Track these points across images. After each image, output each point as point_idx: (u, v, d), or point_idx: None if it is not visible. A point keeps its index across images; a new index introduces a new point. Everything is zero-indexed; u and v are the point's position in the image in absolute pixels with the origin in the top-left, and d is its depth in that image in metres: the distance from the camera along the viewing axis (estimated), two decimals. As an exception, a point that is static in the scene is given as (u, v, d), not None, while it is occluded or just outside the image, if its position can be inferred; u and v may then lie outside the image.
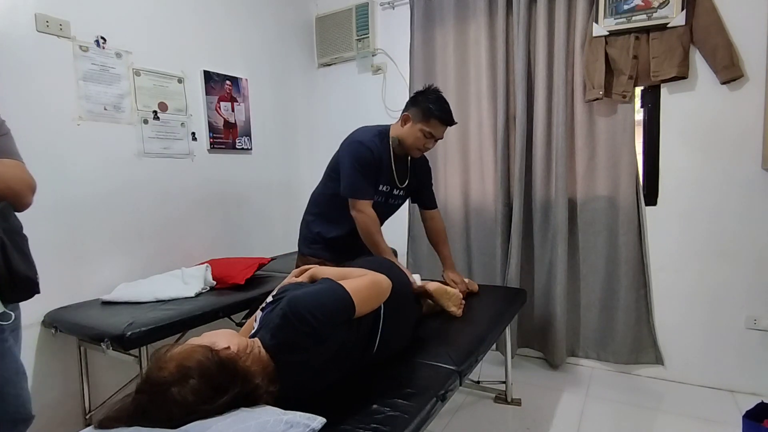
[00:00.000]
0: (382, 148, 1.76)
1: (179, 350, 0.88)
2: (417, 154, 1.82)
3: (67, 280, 1.86)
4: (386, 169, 1.78)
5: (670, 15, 2.00)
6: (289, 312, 1.00)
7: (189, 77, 2.34)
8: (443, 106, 1.73)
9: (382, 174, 1.76)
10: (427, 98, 1.74)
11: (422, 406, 1.09)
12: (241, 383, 0.87)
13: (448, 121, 1.75)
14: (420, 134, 1.73)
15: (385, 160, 1.77)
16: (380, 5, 2.85)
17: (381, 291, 1.20)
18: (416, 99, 1.76)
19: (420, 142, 1.74)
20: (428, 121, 1.72)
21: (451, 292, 1.73)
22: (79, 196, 1.89)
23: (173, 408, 0.80)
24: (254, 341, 1.00)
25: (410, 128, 1.74)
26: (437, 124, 1.73)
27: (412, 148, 1.77)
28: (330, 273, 1.26)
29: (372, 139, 1.74)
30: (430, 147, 1.79)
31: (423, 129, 1.72)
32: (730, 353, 2.10)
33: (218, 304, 1.85)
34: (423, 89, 1.79)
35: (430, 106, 1.71)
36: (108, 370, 1.99)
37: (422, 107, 1.72)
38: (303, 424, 0.85)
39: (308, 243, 1.87)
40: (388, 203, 1.87)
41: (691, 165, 2.12)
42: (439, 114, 1.71)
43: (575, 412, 2.00)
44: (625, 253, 2.22)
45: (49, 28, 1.79)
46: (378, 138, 1.76)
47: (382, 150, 1.75)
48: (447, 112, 1.74)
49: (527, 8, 2.31)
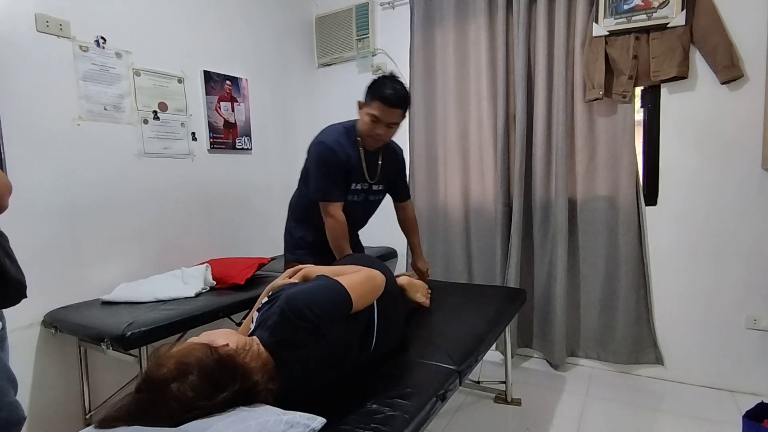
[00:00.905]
0: (349, 144, 1.67)
1: (178, 349, 0.88)
2: (372, 144, 1.69)
3: (67, 280, 1.86)
4: (356, 166, 1.69)
5: (670, 15, 2.00)
6: (287, 309, 1.01)
7: (189, 77, 2.34)
8: (387, 84, 1.58)
9: (352, 172, 1.68)
10: (376, 80, 1.62)
11: (422, 406, 1.09)
12: (241, 380, 0.87)
13: (391, 102, 1.57)
14: (367, 119, 1.61)
15: (354, 156, 1.68)
16: (380, 5, 2.85)
17: (376, 286, 1.21)
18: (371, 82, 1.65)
19: (369, 128, 1.62)
20: (371, 102, 1.59)
21: (416, 283, 1.77)
22: (79, 196, 1.89)
23: (173, 405, 0.80)
24: (253, 339, 1.01)
25: (361, 114, 1.64)
26: (379, 105, 1.57)
27: (365, 138, 1.66)
28: (323, 271, 1.26)
29: (336, 138, 1.65)
30: (382, 134, 1.64)
31: (369, 113, 1.60)
32: (730, 353, 2.10)
33: (218, 304, 1.84)
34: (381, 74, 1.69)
35: (373, 87, 1.60)
36: (108, 370, 1.99)
37: (367, 89, 1.61)
38: (303, 424, 0.85)
39: (292, 249, 1.86)
40: (369, 200, 1.82)
41: (691, 165, 2.12)
42: (381, 94, 1.56)
43: (575, 412, 2.00)
44: (625, 253, 2.22)
45: (49, 28, 1.79)
46: (345, 135, 1.67)
47: (348, 147, 1.66)
48: (389, 92, 1.56)
49: (527, 8, 2.31)
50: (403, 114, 1.66)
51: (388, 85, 1.58)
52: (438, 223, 2.71)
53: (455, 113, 2.60)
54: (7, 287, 1.00)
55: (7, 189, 1.08)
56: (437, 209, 2.72)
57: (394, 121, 1.63)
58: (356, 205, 1.74)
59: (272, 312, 1.05)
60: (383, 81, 1.60)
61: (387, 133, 1.66)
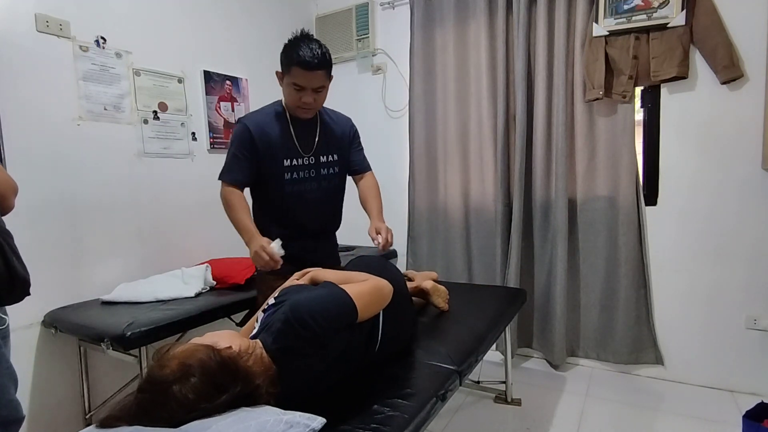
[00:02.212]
0: (273, 120, 1.55)
1: (181, 349, 0.88)
2: (303, 114, 1.55)
3: (67, 280, 1.86)
4: (281, 140, 1.55)
5: (670, 15, 2.00)
6: (291, 317, 1.00)
7: (189, 77, 2.34)
8: (301, 46, 1.41)
9: (279, 148, 1.54)
10: (288, 43, 1.45)
11: (422, 406, 1.09)
12: (242, 383, 0.87)
13: (310, 64, 1.40)
14: (290, 89, 1.47)
15: (277, 130, 1.54)
16: (380, 5, 2.85)
17: (383, 296, 1.21)
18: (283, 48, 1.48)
19: (294, 99, 1.48)
20: (289, 70, 1.44)
21: (440, 289, 1.76)
22: (79, 196, 1.89)
23: (174, 406, 0.80)
24: (256, 342, 1.01)
25: (283, 87, 1.51)
26: (299, 71, 1.41)
27: (294, 110, 1.53)
28: (331, 276, 1.26)
29: (256, 116, 1.56)
30: (311, 101, 1.48)
31: (290, 82, 1.45)
32: (729, 353, 2.10)
33: (218, 304, 1.84)
34: (292, 36, 1.48)
35: (287, 52, 1.44)
36: (108, 370, 1.99)
37: (283, 55, 1.45)
38: (303, 424, 0.85)
39: None
40: (322, 175, 1.64)
41: (691, 165, 2.12)
42: (297, 58, 1.39)
43: (575, 412, 2.00)
44: (625, 253, 2.22)
45: (49, 28, 1.79)
46: (270, 113, 1.57)
47: (271, 123, 1.54)
48: (306, 54, 1.40)
49: (527, 8, 2.31)
50: (328, 75, 1.50)
51: (302, 47, 1.41)
52: (438, 223, 2.71)
53: (455, 113, 2.60)
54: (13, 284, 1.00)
55: (13, 190, 1.10)
56: (437, 209, 2.72)
57: (320, 85, 1.47)
58: (308, 183, 1.60)
59: (276, 318, 1.05)
60: (296, 43, 1.43)
61: (317, 100, 1.50)
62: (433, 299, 1.73)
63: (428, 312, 1.74)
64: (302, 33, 1.48)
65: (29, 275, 1.07)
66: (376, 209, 1.67)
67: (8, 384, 1.13)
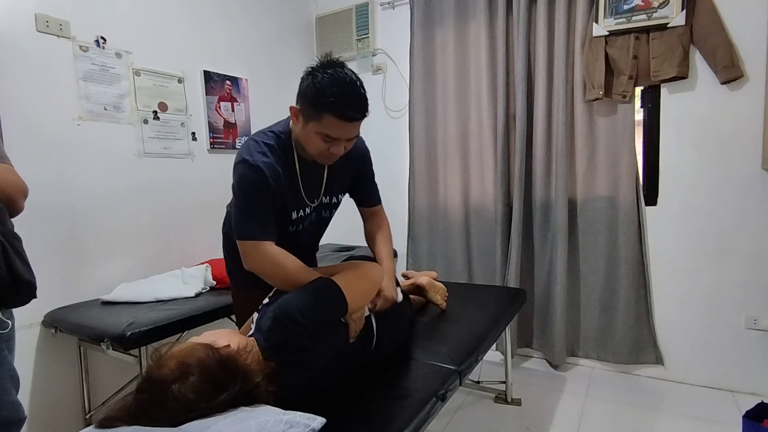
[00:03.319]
0: (280, 157, 1.23)
1: (179, 348, 0.88)
2: (326, 162, 1.26)
3: (67, 280, 1.86)
4: (292, 189, 1.27)
5: (670, 15, 2.00)
6: (279, 313, 1.01)
7: (189, 77, 2.34)
8: (339, 89, 1.10)
9: (289, 198, 1.26)
10: (318, 79, 1.11)
11: (422, 406, 1.09)
12: (242, 381, 0.87)
13: (353, 117, 1.13)
14: (317, 138, 1.15)
15: (286, 175, 1.23)
16: (380, 5, 2.85)
17: (374, 281, 1.20)
18: (305, 81, 1.15)
19: (321, 149, 1.18)
20: (320, 116, 1.12)
21: (438, 285, 1.76)
22: (79, 196, 1.89)
23: (173, 406, 0.80)
24: (252, 341, 1.01)
25: (303, 129, 1.17)
26: (336, 121, 1.12)
27: (318, 157, 1.22)
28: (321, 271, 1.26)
29: (263, 151, 1.20)
30: (341, 152, 1.21)
31: (319, 131, 1.14)
32: (729, 353, 2.10)
33: (218, 304, 1.84)
34: (316, 66, 1.16)
35: (318, 94, 1.10)
36: (108, 370, 1.99)
37: (311, 95, 1.12)
38: (303, 424, 0.85)
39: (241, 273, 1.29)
40: (322, 217, 1.43)
41: (691, 165, 2.12)
42: (336, 107, 1.10)
43: (575, 412, 2.00)
44: (625, 253, 2.22)
45: (49, 28, 1.79)
46: (276, 144, 1.23)
47: (279, 162, 1.22)
48: (348, 102, 1.11)
49: (527, 8, 2.31)
50: None
51: (338, 90, 1.10)
52: (438, 223, 2.71)
53: (455, 113, 2.60)
54: (18, 288, 1.00)
55: (22, 192, 1.09)
56: (437, 209, 2.72)
57: (355, 134, 1.20)
58: (306, 227, 1.38)
59: (267, 317, 1.05)
60: (330, 83, 1.10)
61: (347, 147, 1.23)
62: (430, 295, 1.73)
63: (428, 312, 1.74)
64: (331, 62, 1.15)
65: (35, 278, 1.07)
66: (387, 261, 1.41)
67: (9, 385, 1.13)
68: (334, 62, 1.15)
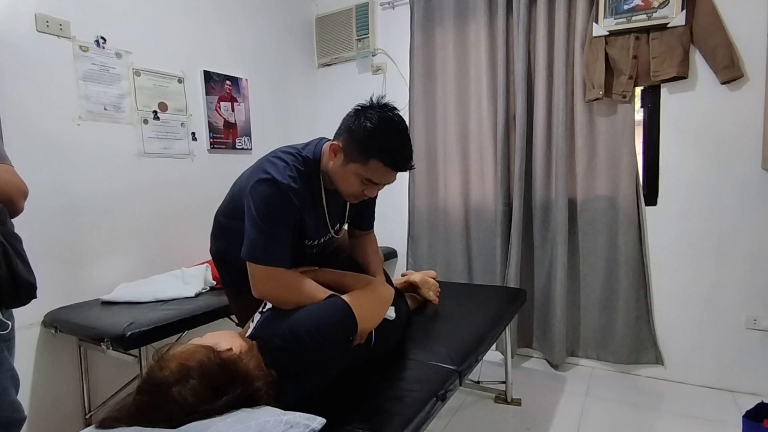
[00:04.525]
0: (308, 183, 1.19)
1: (181, 350, 0.88)
2: (353, 201, 1.26)
3: (67, 280, 1.86)
4: (316, 222, 1.25)
5: (670, 15, 2.00)
6: (289, 334, 1.01)
7: (189, 77, 2.34)
8: (393, 138, 1.11)
9: (311, 221, 1.23)
10: (370, 122, 1.10)
11: (422, 406, 1.09)
12: (242, 385, 0.87)
13: (402, 167, 1.14)
14: (355, 180, 1.14)
15: (312, 205, 1.21)
16: (380, 5, 2.85)
17: (384, 303, 1.22)
18: (354, 120, 1.13)
19: (355, 189, 1.17)
20: (366, 161, 1.11)
21: (430, 282, 1.78)
22: (79, 196, 1.89)
23: (173, 408, 0.80)
24: (254, 344, 1.00)
25: (341, 168, 1.15)
26: (381, 169, 1.11)
27: (347, 196, 1.22)
28: (332, 278, 1.25)
29: (293, 176, 1.14)
30: (372, 195, 1.22)
31: (360, 173, 1.13)
32: (729, 353, 2.10)
33: (218, 304, 1.84)
34: (368, 104, 1.15)
35: (371, 139, 1.09)
36: (108, 370, 1.99)
37: (360, 137, 1.10)
38: (303, 424, 0.85)
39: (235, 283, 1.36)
40: (333, 239, 1.42)
41: (691, 165, 2.12)
42: (388, 156, 1.10)
43: (575, 412, 2.00)
44: (625, 253, 2.22)
45: (49, 28, 1.79)
46: (305, 169, 1.18)
47: (307, 188, 1.18)
48: (398, 150, 1.11)
49: (527, 8, 2.31)
50: None
51: (394, 139, 1.11)
52: (438, 223, 2.71)
53: (455, 113, 2.60)
54: (17, 289, 1.00)
55: (22, 193, 1.09)
56: (437, 209, 2.72)
57: (393, 180, 1.19)
58: (315, 252, 1.35)
59: (275, 333, 1.03)
60: (383, 128, 1.10)
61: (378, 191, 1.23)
62: (422, 292, 1.74)
63: (428, 312, 1.74)
64: (384, 105, 1.14)
65: (35, 279, 1.07)
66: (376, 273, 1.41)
67: (9, 386, 1.13)
68: (387, 105, 1.15)
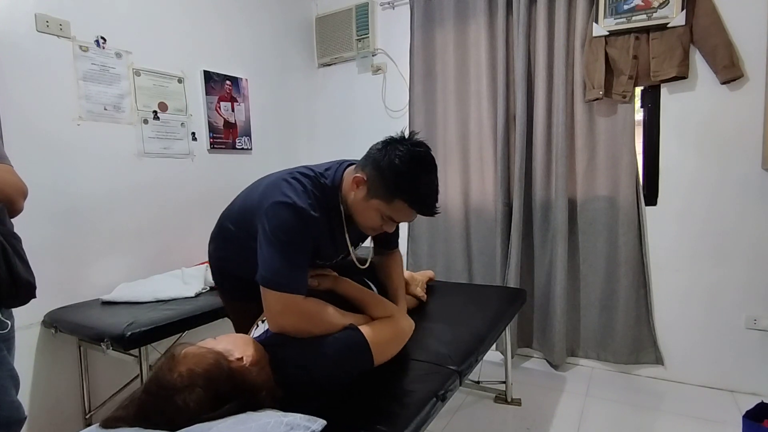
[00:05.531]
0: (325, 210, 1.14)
1: (193, 352, 0.87)
2: (371, 234, 1.25)
3: (67, 280, 1.86)
4: (336, 239, 1.22)
5: (670, 15, 2.00)
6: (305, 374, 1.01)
7: (189, 77, 2.34)
8: (421, 177, 1.08)
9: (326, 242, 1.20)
10: (399, 159, 1.05)
11: (422, 406, 1.08)
12: (247, 395, 0.88)
13: (425, 211, 1.11)
14: (375, 215, 1.13)
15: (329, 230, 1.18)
16: (380, 5, 2.85)
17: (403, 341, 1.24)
18: (382, 154, 1.08)
19: (374, 223, 1.16)
20: (391, 200, 1.08)
21: (417, 278, 1.80)
22: (79, 196, 1.89)
23: (175, 414, 0.81)
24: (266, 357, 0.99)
25: (363, 201, 1.12)
26: (406, 210, 1.10)
27: (364, 228, 1.20)
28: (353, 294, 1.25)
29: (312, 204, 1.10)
30: (390, 231, 1.21)
31: (381, 210, 1.11)
32: (729, 353, 2.10)
33: (218, 304, 1.83)
34: (399, 137, 1.11)
35: (401, 179, 1.06)
36: (108, 370, 1.99)
37: (388, 175, 1.06)
38: (303, 426, 0.84)
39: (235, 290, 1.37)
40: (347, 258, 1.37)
41: (691, 165, 2.12)
42: (416, 197, 1.08)
43: (575, 412, 2.00)
44: (625, 253, 2.22)
45: (49, 28, 1.79)
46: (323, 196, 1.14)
47: (324, 215, 1.14)
48: (426, 193, 1.09)
49: (527, 8, 2.31)
50: None
51: (423, 181, 1.08)
52: (438, 223, 2.71)
53: (455, 113, 2.60)
54: (17, 288, 1.00)
55: (21, 193, 1.09)
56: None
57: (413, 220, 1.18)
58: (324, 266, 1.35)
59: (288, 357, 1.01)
60: (413, 169, 1.06)
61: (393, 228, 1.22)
62: (411, 289, 1.74)
63: (428, 312, 1.74)
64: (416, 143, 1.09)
65: (34, 278, 1.07)
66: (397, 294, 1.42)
67: (9, 385, 1.13)
68: (418, 142, 1.10)
